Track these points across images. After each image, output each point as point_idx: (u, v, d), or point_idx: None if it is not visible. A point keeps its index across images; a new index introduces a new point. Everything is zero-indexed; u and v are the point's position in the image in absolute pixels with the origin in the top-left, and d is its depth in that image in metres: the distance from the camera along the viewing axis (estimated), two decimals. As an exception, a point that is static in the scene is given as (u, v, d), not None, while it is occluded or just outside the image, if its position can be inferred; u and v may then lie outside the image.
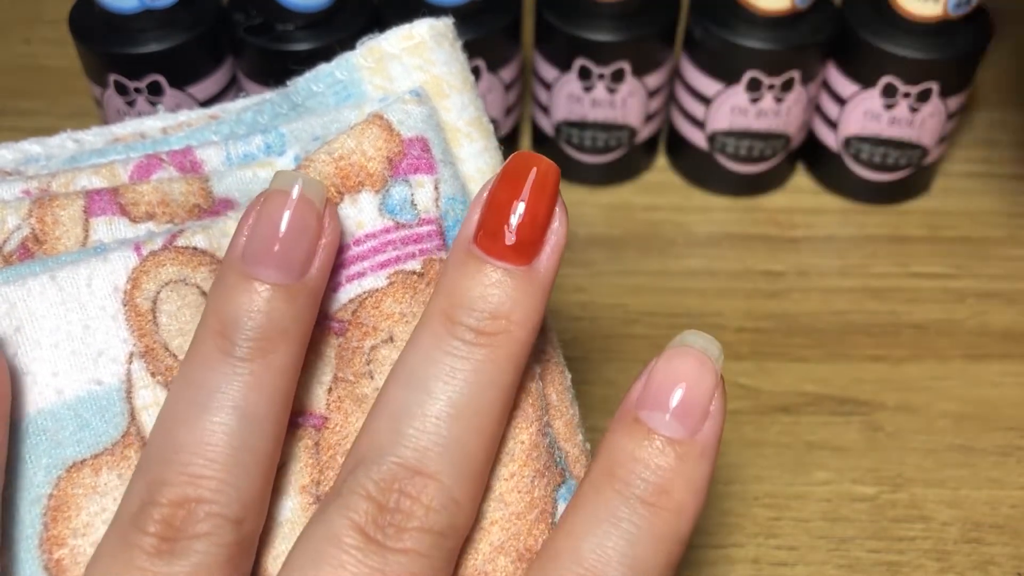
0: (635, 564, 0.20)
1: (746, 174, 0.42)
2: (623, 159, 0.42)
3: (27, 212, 0.23)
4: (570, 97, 0.40)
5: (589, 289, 0.39)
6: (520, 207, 0.20)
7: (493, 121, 0.41)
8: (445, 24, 0.25)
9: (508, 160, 0.21)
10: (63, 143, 0.26)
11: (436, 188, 0.23)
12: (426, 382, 0.20)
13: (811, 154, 0.43)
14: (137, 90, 0.37)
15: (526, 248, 0.21)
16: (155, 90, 0.37)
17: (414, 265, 0.23)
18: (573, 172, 0.43)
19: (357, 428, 0.22)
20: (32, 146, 0.25)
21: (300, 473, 0.22)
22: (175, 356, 0.22)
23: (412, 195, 0.23)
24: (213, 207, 0.24)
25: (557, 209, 0.21)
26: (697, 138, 0.42)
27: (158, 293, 0.22)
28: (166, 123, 0.26)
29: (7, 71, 0.47)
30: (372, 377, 0.23)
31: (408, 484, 0.19)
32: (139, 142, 0.25)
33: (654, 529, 0.20)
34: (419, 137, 0.23)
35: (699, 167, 0.43)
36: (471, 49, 0.27)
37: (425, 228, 0.23)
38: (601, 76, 0.39)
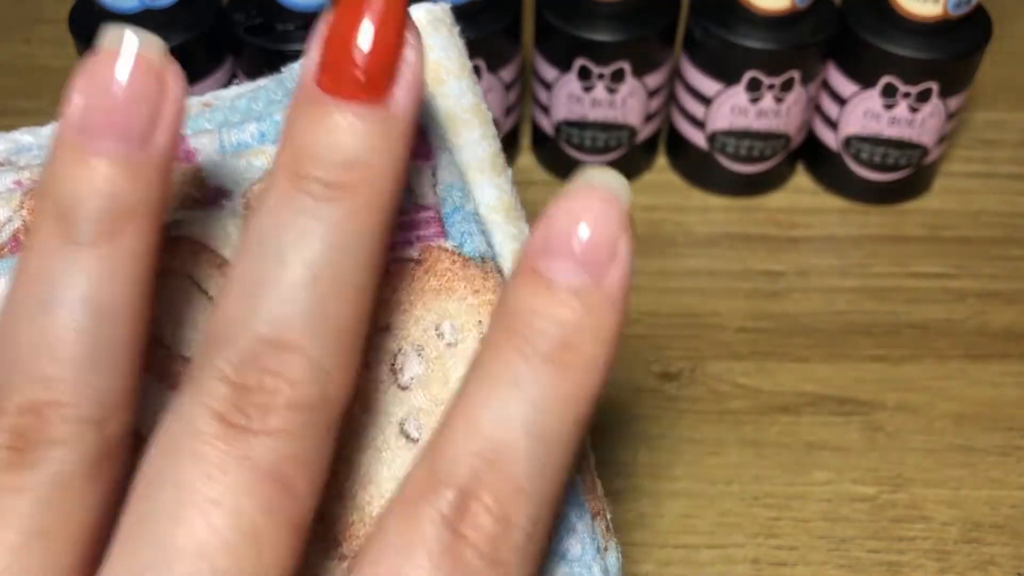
0: (541, 430, 0.18)
1: (746, 174, 0.42)
2: (623, 159, 0.42)
3: (19, 203, 0.22)
4: (570, 97, 0.40)
5: (589, 289, 0.39)
6: (365, 36, 0.18)
7: (493, 121, 0.41)
8: (443, 9, 0.25)
9: None
10: (55, 133, 0.25)
11: (434, 175, 0.23)
12: (278, 247, 0.18)
13: (811, 154, 0.43)
14: (137, 90, 0.37)
15: (376, 83, 0.18)
16: (155, 90, 0.37)
17: (411, 252, 0.23)
18: (573, 172, 0.43)
19: (351, 417, 0.22)
20: (24, 136, 0.25)
21: None
22: (168, 348, 0.22)
23: (409, 182, 0.23)
24: (207, 196, 0.24)
25: (408, 35, 0.18)
26: (697, 138, 0.42)
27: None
28: None
29: (7, 71, 0.47)
30: (369, 367, 0.23)
31: (269, 359, 0.17)
32: None
33: (561, 390, 0.18)
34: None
35: (699, 167, 0.43)
36: (471, 49, 0.27)
37: (422, 215, 0.23)
38: (601, 76, 0.39)
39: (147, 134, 0.18)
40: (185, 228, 0.22)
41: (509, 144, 0.43)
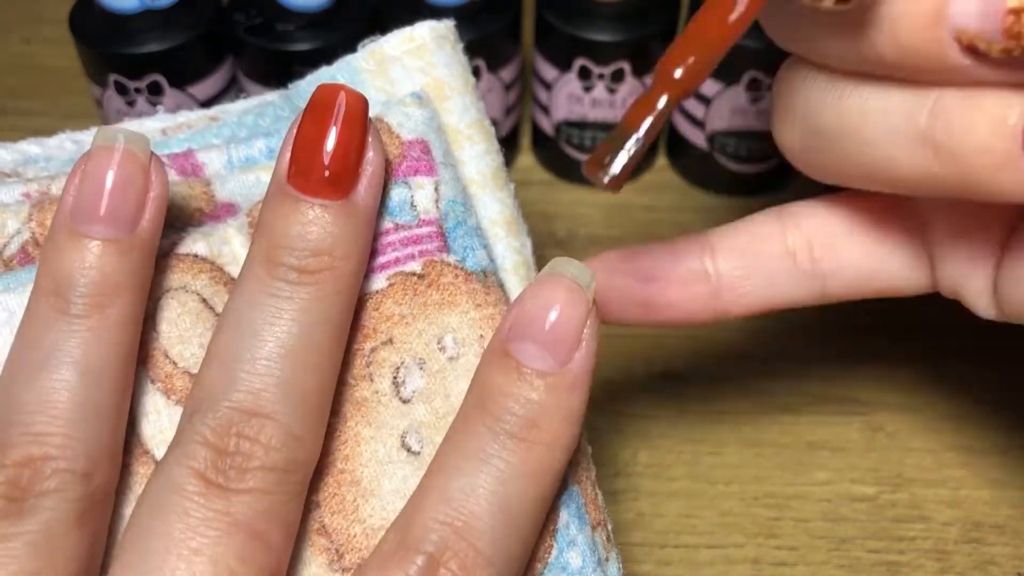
0: (506, 503, 0.19)
1: (746, 174, 0.42)
2: (623, 159, 0.42)
3: (27, 216, 0.23)
4: (570, 97, 0.40)
5: (589, 289, 0.39)
6: (330, 140, 0.20)
7: (493, 121, 0.41)
8: (446, 26, 0.25)
9: (313, 93, 0.21)
10: (62, 144, 0.26)
11: (436, 190, 0.23)
12: (253, 325, 0.20)
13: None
14: (137, 90, 0.37)
15: (340, 181, 0.20)
16: (155, 90, 0.37)
17: (414, 266, 0.23)
18: (573, 172, 0.43)
19: (356, 432, 0.22)
20: (31, 147, 0.25)
21: None
22: (175, 363, 0.22)
23: (412, 196, 0.23)
24: (215, 211, 0.24)
25: (370, 139, 0.21)
26: (697, 138, 0.42)
27: (159, 300, 0.22)
28: (165, 124, 0.26)
29: (7, 71, 0.47)
30: (372, 380, 0.23)
31: (245, 426, 0.19)
32: None
33: (525, 465, 0.20)
34: (419, 139, 0.23)
35: (699, 167, 0.43)
36: (471, 49, 0.27)
37: (425, 229, 0.23)
38: (601, 76, 0.39)
39: (134, 220, 0.20)
40: (192, 245, 0.23)
41: (509, 144, 0.43)
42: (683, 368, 0.36)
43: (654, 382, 0.36)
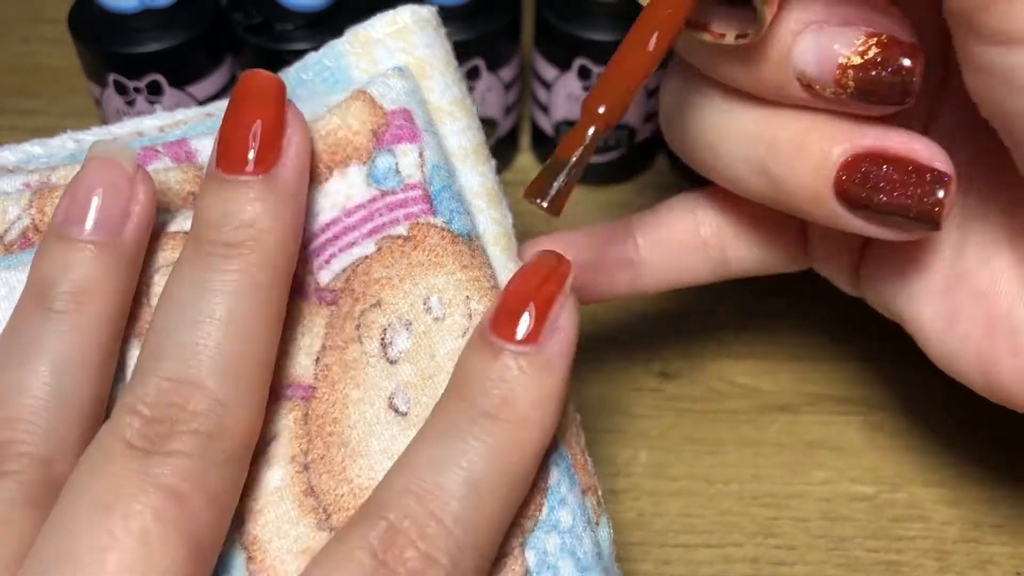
0: (475, 478, 0.20)
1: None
2: (623, 159, 0.42)
3: (28, 203, 0.23)
4: (570, 97, 0.40)
5: (589, 289, 0.39)
6: (246, 120, 0.22)
7: (493, 121, 0.41)
8: (428, 11, 0.26)
9: (237, 82, 0.23)
10: (64, 143, 0.26)
11: (420, 155, 0.24)
12: (182, 300, 0.21)
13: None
14: (136, 89, 0.37)
15: (258, 158, 0.22)
16: (154, 89, 0.37)
17: (400, 229, 0.24)
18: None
19: (344, 395, 0.23)
20: (34, 147, 0.26)
21: (289, 444, 0.23)
22: None
23: (397, 163, 0.24)
24: None
25: (289, 117, 0.22)
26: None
27: (152, 276, 0.23)
28: (163, 122, 0.27)
29: (7, 70, 0.47)
30: (360, 341, 0.23)
31: (174, 394, 0.20)
32: (136, 140, 0.26)
33: (497, 442, 0.20)
34: (402, 108, 0.24)
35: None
36: (471, 49, 0.27)
37: (410, 193, 0.24)
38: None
39: (117, 227, 0.22)
40: (183, 223, 0.24)
41: (509, 143, 0.43)
42: (683, 368, 0.36)
43: (654, 382, 0.36)
